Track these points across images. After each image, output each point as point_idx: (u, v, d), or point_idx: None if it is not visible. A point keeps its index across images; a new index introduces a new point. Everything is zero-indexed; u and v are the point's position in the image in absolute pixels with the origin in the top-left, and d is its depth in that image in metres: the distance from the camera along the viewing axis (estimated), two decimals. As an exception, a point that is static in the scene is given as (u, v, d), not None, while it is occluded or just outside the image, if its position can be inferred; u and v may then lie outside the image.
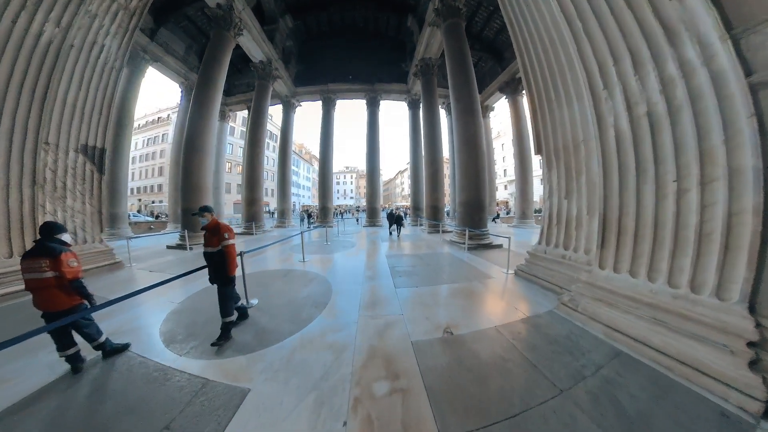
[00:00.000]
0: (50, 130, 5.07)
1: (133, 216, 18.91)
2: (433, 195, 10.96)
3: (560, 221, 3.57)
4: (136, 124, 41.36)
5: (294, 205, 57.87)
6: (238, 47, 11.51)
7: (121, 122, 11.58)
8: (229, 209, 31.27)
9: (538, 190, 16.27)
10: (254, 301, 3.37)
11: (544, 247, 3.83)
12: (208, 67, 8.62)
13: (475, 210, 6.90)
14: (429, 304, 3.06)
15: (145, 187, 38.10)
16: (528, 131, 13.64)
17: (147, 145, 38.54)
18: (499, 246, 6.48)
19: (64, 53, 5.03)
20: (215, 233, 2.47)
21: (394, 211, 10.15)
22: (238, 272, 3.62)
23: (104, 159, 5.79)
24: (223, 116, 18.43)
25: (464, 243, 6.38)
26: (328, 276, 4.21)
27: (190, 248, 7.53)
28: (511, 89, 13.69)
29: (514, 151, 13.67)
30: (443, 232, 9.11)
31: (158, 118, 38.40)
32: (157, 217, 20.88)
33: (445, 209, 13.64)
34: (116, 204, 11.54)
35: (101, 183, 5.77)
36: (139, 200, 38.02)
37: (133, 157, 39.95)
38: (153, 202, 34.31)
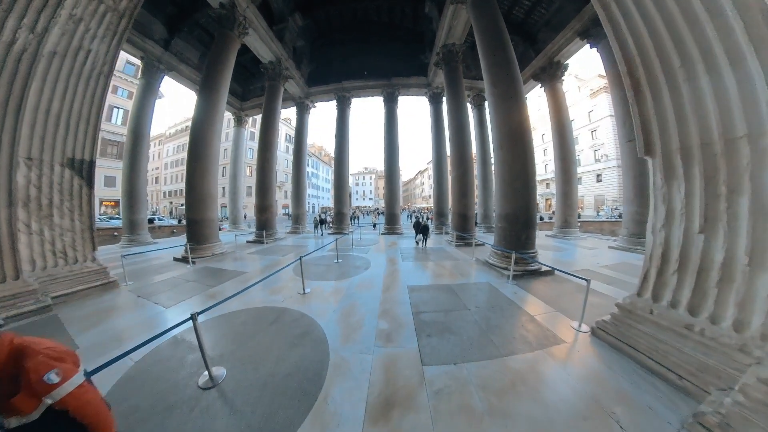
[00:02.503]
0: (33, 144, 4.62)
1: (158, 219, 19.61)
2: (462, 201, 9.42)
3: (685, 266, 2.22)
4: (167, 132, 44.11)
5: (313, 207, 58.82)
6: (248, 50, 11.02)
7: (138, 132, 11.61)
8: (249, 211, 31.96)
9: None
10: (221, 372, 2.45)
11: (650, 303, 2.48)
12: (211, 70, 8.05)
13: (522, 226, 5.36)
14: (477, 409, 1.89)
15: (176, 191, 40.35)
16: (570, 123, 11.67)
17: (177, 152, 40.76)
18: (550, 273, 5.03)
19: (45, 61, 4.54)
20: (11, 382, 0.98)
21: (420, 220, 9.57)
22: (186, 334, 2.70)
23: (93, 172, 5.30)
24: (240, 122, 18.38)
25: (507, 269, 4.97)
26: (329, 327, 3.16)
27: (193, 262, 7.02)
28: (549, 75, 11.82)
29: (554, 146, 11.71)
30: (475, 245, 7.63)
31: (186, 126, 40.45)
32: (180, 220, 21.56)
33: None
34: (135, 211, 11.60)
35: (91, 198, 5.28)
36: (171, 203, 40.38)
37: (165, 163, 42.66)
38: (182, 205, 36.14)
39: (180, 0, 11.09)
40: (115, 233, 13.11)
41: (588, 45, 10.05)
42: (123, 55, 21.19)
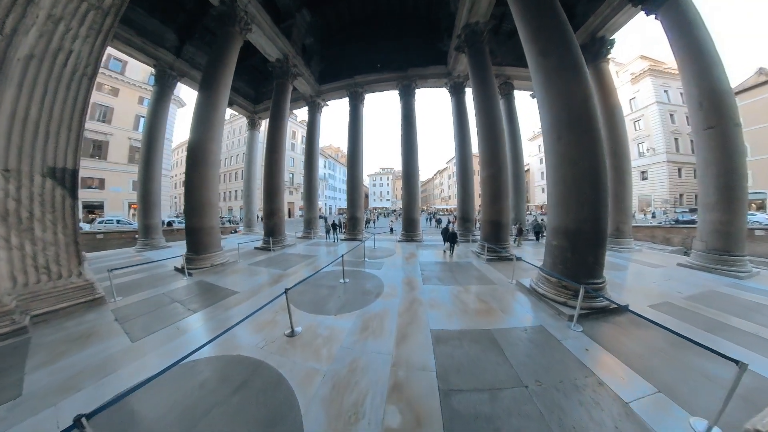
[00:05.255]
0: (9, 154, 4.25)
1: (178, 222, 20.23)
2: (494, 206, 8.02)
3: None
4: (194, 138, 46.45)
5: (330, 208, 58.95)
6: (256, 51, 10.57)
7: (152, 138, 11.68)
8: (268, 214, 32.37)
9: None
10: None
11: None
12: (211, 69, 7.57)
13: (590, 245, 4.04)
14: None
15: (202, 195, 42.17)
16: (621, 110, 9.76)
17: (203, 156, 42.59)
18: (623, 309, 3.44)
19: (21, 65, 4.14)
20: None
21: (449, 227, 9.33)
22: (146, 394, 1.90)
23: (77, 182, 4.89)
24: (253, 125, 18.35)
25: (566, 304, 3.73)
26: (312, 411, 2.15)
27: (189, 274, 6.56)
28: (592, 54, 10.01)
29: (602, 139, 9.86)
30: (517, 259, 6.07)
31: (211, 131, 42.15)
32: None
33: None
34: (150, 215, 11.70)
35: (75, 209, 4.88)
36: (198, 206, 42.39)
37: (192, 168, 44.86)
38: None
39: (189, 6, 10.95)
40: (136, 236, 13.46)
41: (643, 12, 8.29)
42: (147, 68, 22.07)
